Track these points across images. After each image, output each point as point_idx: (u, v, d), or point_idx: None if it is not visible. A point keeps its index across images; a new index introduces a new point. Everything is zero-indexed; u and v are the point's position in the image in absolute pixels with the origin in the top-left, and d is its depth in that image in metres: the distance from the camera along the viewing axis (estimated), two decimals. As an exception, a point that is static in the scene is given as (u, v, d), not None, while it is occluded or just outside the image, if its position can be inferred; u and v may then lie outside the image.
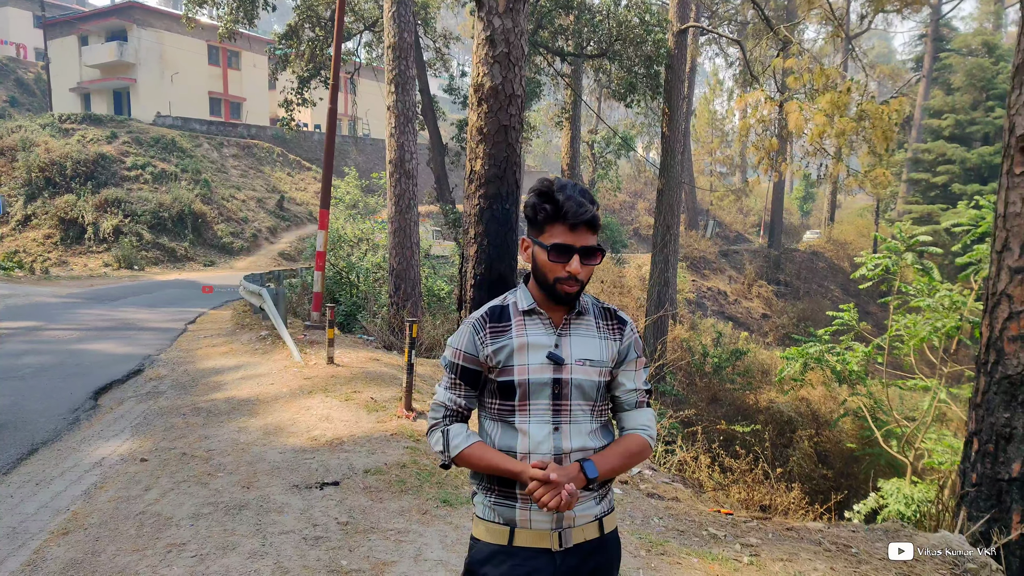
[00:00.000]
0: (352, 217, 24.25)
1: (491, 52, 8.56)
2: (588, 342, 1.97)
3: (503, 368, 1.92)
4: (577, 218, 1.85)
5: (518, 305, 1.99)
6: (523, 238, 1.98)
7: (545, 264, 1.89)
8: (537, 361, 1.91)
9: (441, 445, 1.96)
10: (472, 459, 1.93)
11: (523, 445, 1.90)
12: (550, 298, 1.94)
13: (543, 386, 1.91)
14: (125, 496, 4.84)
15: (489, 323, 1.97)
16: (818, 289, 34.37)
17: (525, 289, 2.01)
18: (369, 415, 6.82)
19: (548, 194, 1.88)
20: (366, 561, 3.86)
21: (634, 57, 19.41)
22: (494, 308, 2.01)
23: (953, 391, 9.21)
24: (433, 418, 2.02)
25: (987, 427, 4.41)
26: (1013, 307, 4.31)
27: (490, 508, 1.97)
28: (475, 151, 8.94)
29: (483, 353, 1.94)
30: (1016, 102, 4.35)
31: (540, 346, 1.93)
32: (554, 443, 1.90)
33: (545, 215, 1.88)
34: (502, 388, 1.93)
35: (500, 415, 1.96)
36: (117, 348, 10.86)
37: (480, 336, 1.95)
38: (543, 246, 1.89)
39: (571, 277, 1.88)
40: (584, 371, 1.94)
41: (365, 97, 44.86)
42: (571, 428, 1.93)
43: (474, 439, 1.95)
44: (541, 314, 1.96)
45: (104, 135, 30.94)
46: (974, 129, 29.78)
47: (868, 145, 17.90)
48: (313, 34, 21.37)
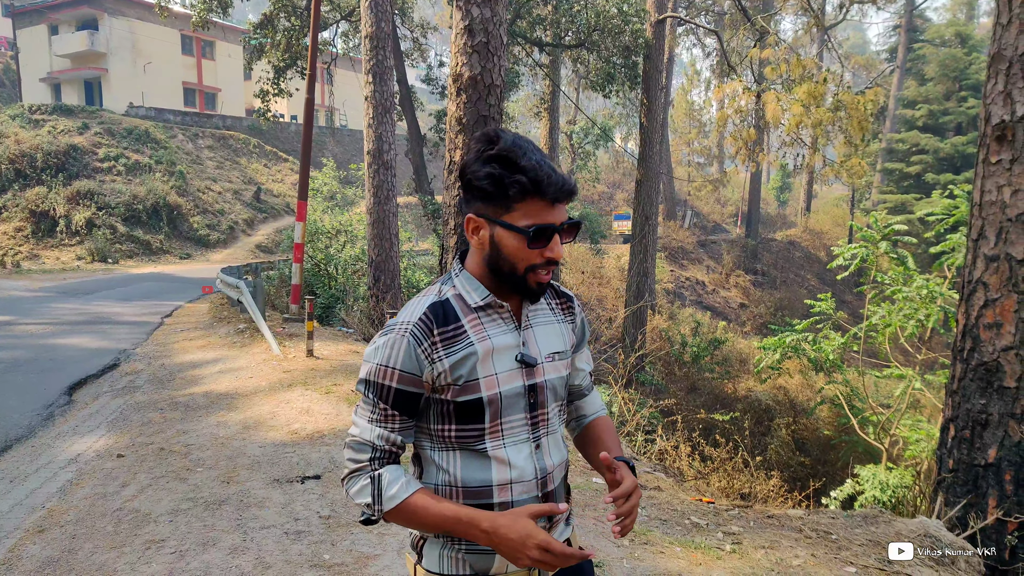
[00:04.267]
0: (330, 209, 24.07)
1: (469, 41, 8.51)
2: (550, 331, 1.61)
3: (465, 385, 1.46)
4: (561, 191, 1.45)
5: (465, 299, 1.53)
6: (470, 216, 1.52)
7: (517, 252, 1.46)
8: (506, 367, 1.50)
9: (369, 495, 1.47)
10: (416, 510, 1.45)
11: (501, 475, 1.49)
12: (514, 291, 1.53)
13: (517, 397, 1.51)
14: (102, 493, 4.77)
15: (436, 327, 1.48)
16: (795, 278, 34.67)
17: (469, 276, 1.56)
18: (350, 408, 6.78)
19: (510, 160, 1.43)
20: (349, 555, 3.83)
21: (612, 47, 19.41)
22: (435, 306, 1.51)
23: (928, 378, 9.33)
24: (354, 461, 1.50)
25: (963, 413, 4.47)
26: (989, 295, 4.36)
27: (456, 559, 1.51)
28: (454, 141, 8.90)
29: (431, 371, 1.46)
30: (992, 91, 4.39)
31: (506, 348, 1.52)
32: (537, 463, 1.54)
33: (520, 189, 1.43)
34: (463, 410, 1.48)
35: (461, 443, 1.51)
36: (92, 343, 10.70)
37: (425, 347, 1.46)
38: (516, 229, 1.45)
39: (550, 262, 1.49)
40: (555, 368, 1.59)
41: (342, 87, 44.50)
42: (549, 440, 1.58)
43: (416, 486, 1.47)
44: (501, 307, 1.54)
45: (75, 126, 30.42)
46: (947, 119, 30.11)
47: (844, 135, 18.06)
48: (289, 23, 21.12)
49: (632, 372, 14.35)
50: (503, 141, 1.46)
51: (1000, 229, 4.30)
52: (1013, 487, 4.19)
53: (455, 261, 1.62)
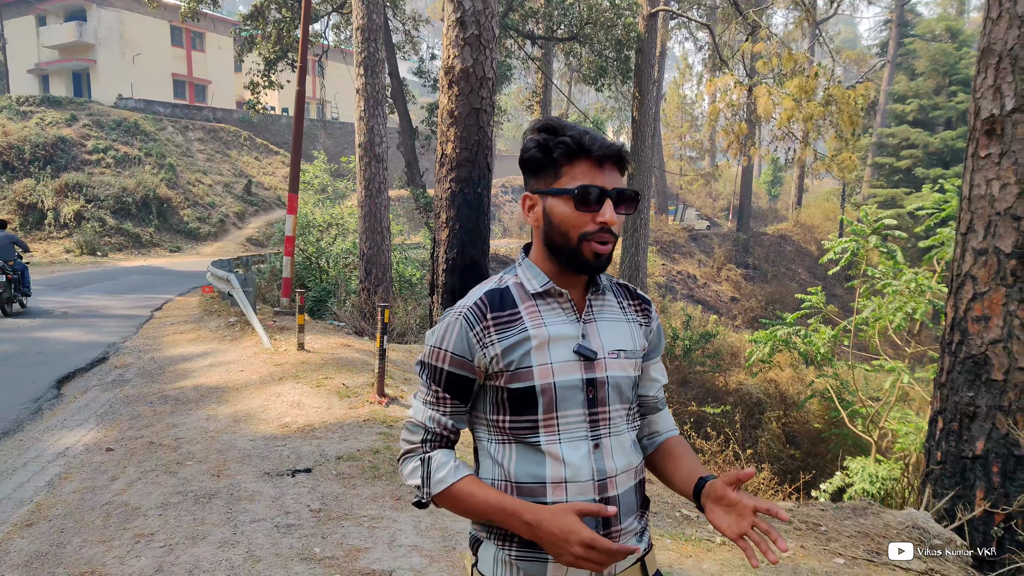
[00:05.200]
0: (321, 202, 24.00)
1: (461, 34, 8.49)
2: (617, 328, 1.54)
3: (516, 372, 1.42)
4: (605, 150, 1.41)
5: (524, 286, 1.50)
6: (525, 195, 1.51)
7: (567, 218, 1.42)
8: (562, 358, 1.44)
9: (419, 477, 1.47)
10: (462, 498, 1.44)
11: (555, 472, 1.42)
12: (572, 266, 1.46)
13: (574, 390, 1.44)
14: (90, 486, 4.75)
15: (490, 312, 1.46)
16: (786, 272, 34.81)
17: (530, 264, 1.53)
18: (341, 401, 6.77)
19: (554, 127, 1.45)
20: (339, 548, 3.83)
21: (604, 41, 19.38)
22: (492, 293, 1.49)
23: (917, 374, 9.39)
24: (408, 442, 1.52)
25: (951, 406, 4.49)
26: (977, 288, 4.39)
27: (508, 565, 1.45)
28: (446, 134, 8.88)
29: (483, 356, 1.44)
30: (981, 85, 4.40)
31: (564, 338, 1.45)
32: (596, 465, 1.44)
33: (564, 149, 1.41)
34: (516, 398, 1.44)
35: (515, 435, 1.46)
36: (80, 336, 10.65)
37: (477, 332, 1.44)
38: (564, 191, 1.41)
39: (604, 229, 1.42)
40: (620, 365, 1.50)
41: (333, 80, 44.26)
42: (612, 442, 1.48)
43: (466, 471, 1.46)
44: (560, 295, 1.49)
45: (63, 118, 30.18)
46: (937, 114, 30.23)
47: (835, 129, 18.12)
48: (279, 15, 21.01)
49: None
50: (551, 117, 1.49)
51: (989, 223, 4.32)
52: (1000, 479, 4.22)
53: (520, 251, 1.59)
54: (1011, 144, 4.20)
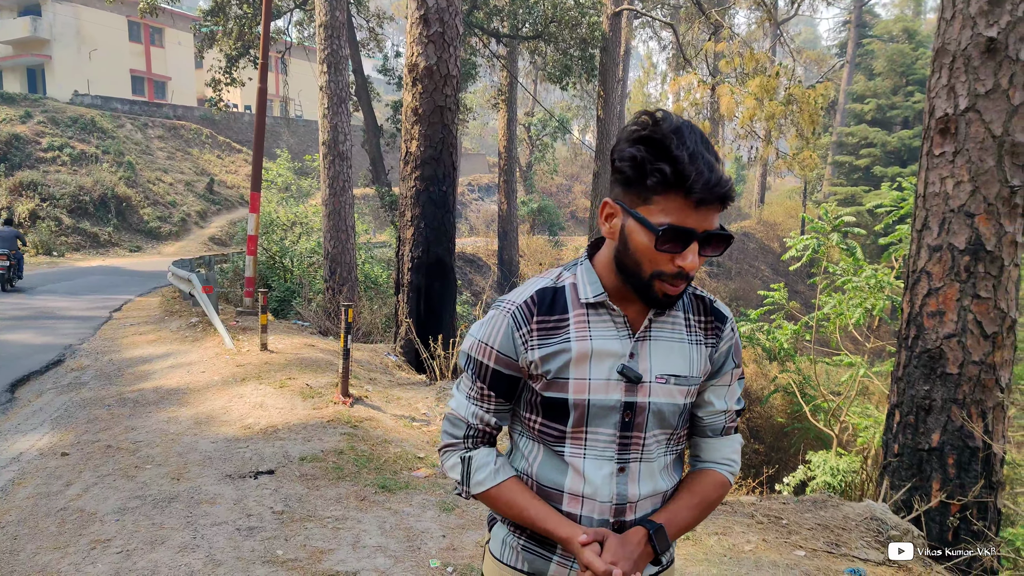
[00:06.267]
0: (285, 200, 23.73)
1: (425, 31, 8.45)
2: (674, 349, 1.41)
3: (553, 381, 1.37)
4: (710, 192, 1.23)
5: (579, 291, 1.39)
6: (606, 201, 1.35)
7: (645, 251, 1.28)
8: (602, 376, 1.36)
9: (459, 474, 1.46)
10: (501, 503, 1.43)
11: (574, 485, 1.39)
12: (638, 295, 1.35)
13: (609, 411, 1.37)
14: (45, 492, 4.63)
15: (538, 315, 1.38)
16: (749, 269, 35.24)
17: (590, 268, 1.41)
18: (305, 402, 6.70)
19: (661, 145, 1.24)
20: (303, 550, 3.78)
21: (569, 39, 19.45)
22: (544, 292, 1.40)
23: (876, 368, 9.56)
24: (450, 436, 1.48)
25: (908, 399, 4.58)
26: (932, 284, 4.48)
27: (515, 551, 1.48)
28: (410, 132, 8.83)
29: (525, 357, 1.38)
30: (936, 85, 4.49)
31: (609, 355, 1.36)
32: (617, 488, 1.39)
33: (660, 180, 1.23)
34: (549, 406, 1.39)
35: (543, 438, 1.43)
36: (35, 338, 10.39)
37: (523, 333, 1.37)
38: (648, 225, 1.26)
39: (681, 274, 1.29)
40: (667, 392, 1.39)
41: (297, 77, 43.76)
42: (641, 468, 1.41)
43: (506, 475, 1.44)
44: (613, 310, 1.38)
45: (17, 114, 29.40)
46: (895, 113, 30.85)
47: (796, 128, 18.37)
48: (241, 11, 20.71)
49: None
50: (664, 124, 1.26)
51: (943, 220, 4.41)
52: (956, 470, 4.31)
53: (586, 249, 1.48)
54: (965, 142, 4.29)
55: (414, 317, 9.06)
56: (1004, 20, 4.15)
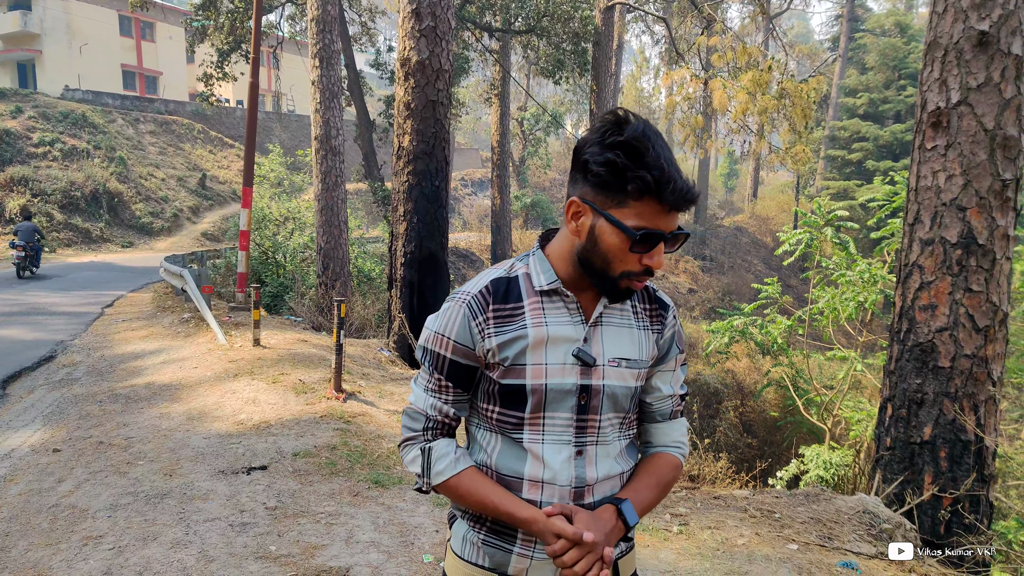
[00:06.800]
0: (277, 195, 23.64)
1: (417, 25, 8.41)
2: (623, 335, 1.47)
3: (510, 367, 1.40)
4: (683, 199, 1.31)
5: (532, 280, 1.44)
6: (574, 200, 1.38)
7: (617, 252, 1.34)
8: (558, 361, 1.40)
9: (419, 467, 1.47)
10: (462, 491, 1.44)
11: (533, 471, 1.42)
12: (600, 288, 1.41)
13: (565, 395, 1.40)
14: (36, 488, 4.61)
15: (493, 303, 1.41)
16: (742, 263, 35.32)
17: (542, 257, 1.46)
18: (297, 397, 6.68)
19: (637, 151, 1.28)
20: (296, 545, 3.78)
21: (562, 34, 19.42)
22: (498, 282, 1.44)
23: (868, 361, 9.59)
24: (410, 429, 1.49)
25: (900, 393, 4.59)
26: (924, 277, 4.49)
27: (475, 546, 1.48)
28: (403, 127, 8.80)
29: (482, 346, 1.41)
30: (928, 79, 4.49)
31: (564, 340, 1.40)
32: (575, 471, 1.43)
33: (640, 186, 1.29)
34: (507, 393, 1.42)
35: (501, 427, 1.45)
36: (26, 334, 10.33)
37: (479, 322, 1.40)
38: (625, 229, 1.31)
39: (648, 271, 1.37)
40: (619, 375, 1.44)
41: (289, 72, 43.58)
42: (598, 451, 1.45)
43: (466, 463, 1.46)
44: (566, 296, 1.43)
45: (8, 110, 29.20)
46: (887, 107, 30.89)
47: (789, 123, 18.41)
48: (232, 5, 20.60)
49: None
50: (633, 127, 1.30)
51: (935, 214, 4.41)
52: (948, 464, 4.33)
53: (537, 240, 1.52)
54: (956, 136, 4.30)
55: (407, 312, 9.05)
56: (996, 14, 4.16)
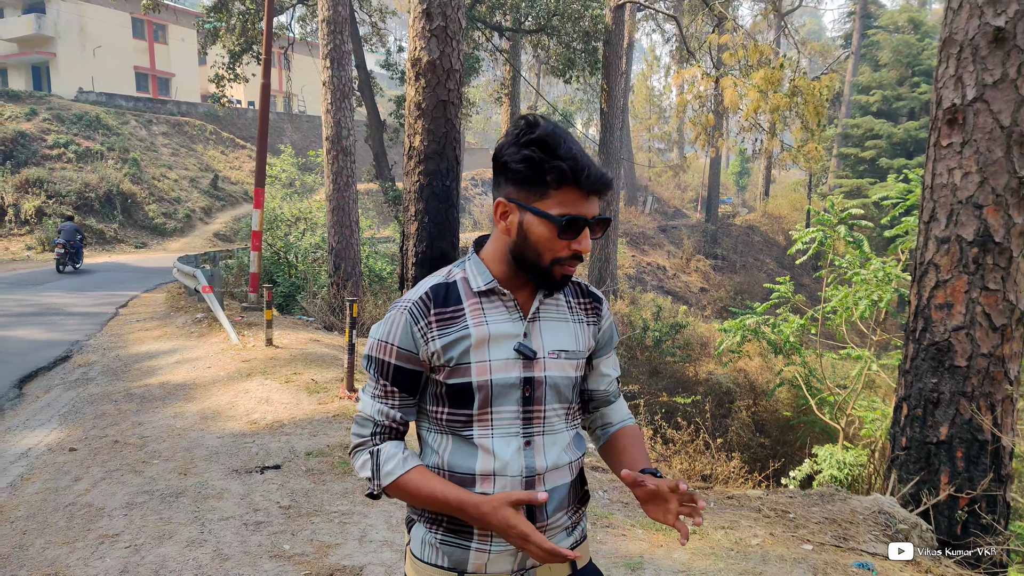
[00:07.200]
0: (289, 196, 23.73)
1: (428, 25, 8.41)
2: (561, 328, 1.55)
3: (456, 367, 1.44)
4: (598, 183, 1.41)
5: (470, 283, 1.50)
6: (500, 201, 1.46)
7: (545, 241, 1.42)
8: (501, 356, 1.46)
9: (369, 470, 1.49)
10: (411, 488, 1.45)
11: (485, 465, 1.45)
12: (537, 281, 1.48)
13: (510, 388, 1.46)
14: (53, 487, 4.65)
15: (434, 308, 1.46)
16: (754, 262, 35.16)
17: (478, 261, 1.53)
18: (310, 397, 6.71)
19: (549, 146, 1.39)
20: (309, 544, 3.79)
21: (572, 33, 19.38)
22: (437, 287, 1.50)
23: (882, 361, 9.53)
24: (358, 435, 1.53)
25: (916, 392, 4.56)
26: (940, 276, 4.45)
27: (434, 547, 1.50)
28: (414, 127, 8.81)
29: (426, 350, 1.45)
30: (943, 75, 4.46)
31: (505, 336, 1.47)
32: (525, 461, 1.47)
33: (558, 175, 1.38)
34: (454, 393, 1.46)
35: (451, 427, 1.49)
36: (42, 334, 10.42)
37: (421, 326, 1.45)
38: (548, 217, 1.40)
39: (576, 255, 1.45)
40: (560, 366, 1.51)
41: (300, 73, 43.76)
42: (545, 441, 1.50)
43: (414, 462, 1.48)
44: (503, 295, 1.49)
45: (23, 112, 29.45)
46: (900, 104, 30.67)
47: (801, 120, 18.32)
48: (244, 7, 20.68)
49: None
50: (544, 127, 1.41)
51: (951, 211, 4.38)
52: (964, 464, 4.29)
53: (472, 245, 1.59)
54: (972, 133, 4.26)
55: (419, 312, 9.03)
56: (1012, 9, 4.11)
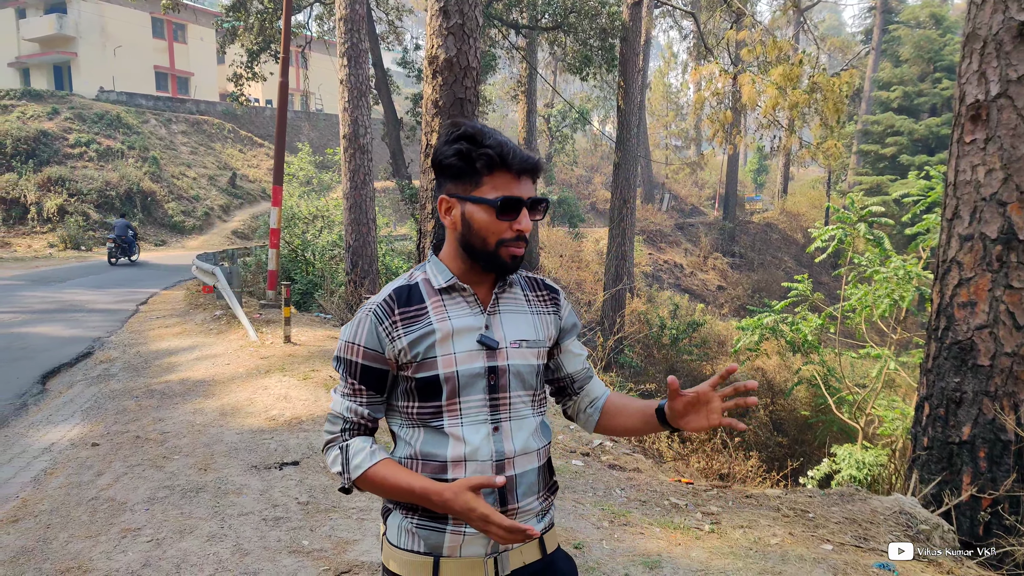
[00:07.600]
0: (306, 194, 23.85)
1: (445, 23, 8.42)
2: (521, 319, 1.63)
3: (423, 362, 1.52)
4: (524, 163, 1.52)
5: (431, 282, 1.60)
6: (442, 198, 1.58)
7: (487, 225, 1.52)
8: (465, 348, 1.54)
9: (339, 465, 1.56)
10: (379, 479, 1.52)
11: (456, 452, 1.52)
12: (489, 268, 1.57)
13: (476, 378, 1.54)
14: (76, 482, 4.71)
15: (398, 308, 1.55)
16: (772, 260, 34.93)
17: (437, 261, 1.63)
18: (328, 393, 6.74)
19: (475, 138, 1.51)
20: (328, 540, 3.81)
21: (589, 30, 19.31)
22: (400, 289, 1.59)
23: (903, 359, 9.44)
24: (329, 432, 1.60)
25: (938, 392, 4.51)
26: (963, 274, 4.40)
27: (410, 533, 1.56)
28: (431, 125, 8.82)
29: (392, 348, 1.53)
30: (966, 71, 4.40)
31: (468, 329, 1.55)
32: (495, 446, 1.54)
33: (487, 161, 1.49)
34: (423, 387, 1.53)
35: (422, 419, 1.56)
36: (65, 331, 10.54)
37: (385, 326, 1.53)
38: (486, 202, 1.50)
39: (520, 236, 1.54)
40: (521, 355, 1.60)
41: (317, 71, 43.95)
42: (512, 426, 1.58)
43: (383, 455, 1.55)
44: (464, 290, 1.58)
45: (45, 111, 29.82)
46: (921, 101, 30.33)
47: (820, 117, 18.15)
48: (262, 6, 20.78)
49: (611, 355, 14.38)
50: (468, 125, 1.54)
51: (975, 209, 4.32)
52: (987, 464, 4.24)
53: (431, 249, 1.68)
54: (996, 129, 4.21)
55: (436, 309, 9.07)
56: (1037, 4, 4.06)
